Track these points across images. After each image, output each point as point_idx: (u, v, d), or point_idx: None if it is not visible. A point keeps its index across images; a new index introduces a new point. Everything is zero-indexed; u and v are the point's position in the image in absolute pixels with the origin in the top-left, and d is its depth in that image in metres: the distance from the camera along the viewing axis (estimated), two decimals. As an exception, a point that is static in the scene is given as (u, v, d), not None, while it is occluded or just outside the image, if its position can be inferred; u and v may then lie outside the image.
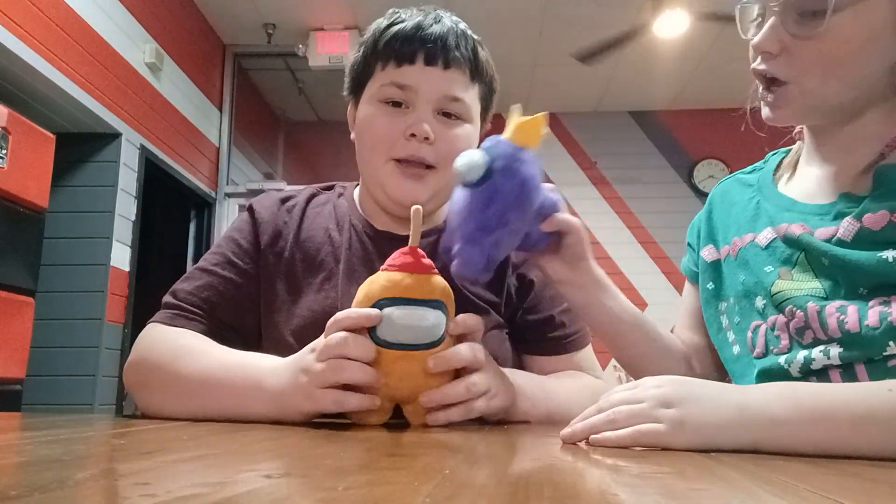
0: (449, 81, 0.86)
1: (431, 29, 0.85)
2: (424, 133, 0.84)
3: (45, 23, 2.76)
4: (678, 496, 0.33)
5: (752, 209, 0.79)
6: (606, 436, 0.54)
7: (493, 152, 0.69)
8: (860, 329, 0.64)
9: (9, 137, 2.24)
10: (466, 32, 0.88)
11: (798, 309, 0.69)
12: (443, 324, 0.68)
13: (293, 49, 4.38)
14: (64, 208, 3.07)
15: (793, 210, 0.74)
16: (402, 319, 0.66)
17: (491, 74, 0.92)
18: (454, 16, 0.90)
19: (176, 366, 0.78)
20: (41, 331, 2.64)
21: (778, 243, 0.73)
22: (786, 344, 0.71)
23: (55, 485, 0.32)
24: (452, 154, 0.78)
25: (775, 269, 0.73)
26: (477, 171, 0.68)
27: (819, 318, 0.67)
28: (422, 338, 0.67)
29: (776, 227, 0.74)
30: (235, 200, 4.51)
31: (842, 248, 0.67)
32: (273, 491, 0.31)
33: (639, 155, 5.43)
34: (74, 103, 2.96)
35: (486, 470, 0.42)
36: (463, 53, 0.86)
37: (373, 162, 0.88)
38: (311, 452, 0.48)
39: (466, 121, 0.89)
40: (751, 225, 0.78)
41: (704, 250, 0.85)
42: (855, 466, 0.46)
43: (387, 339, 0.66)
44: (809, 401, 0.54)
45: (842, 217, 0.68)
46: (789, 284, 0.71)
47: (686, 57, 4.56)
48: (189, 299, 0.88)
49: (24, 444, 0.53)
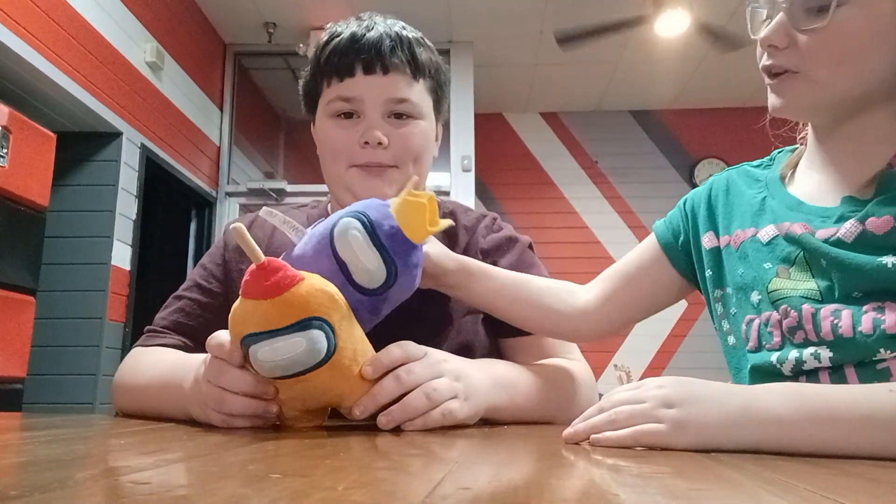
0: (391, 85, 0.89)
1: (366, 38, 0.88)
2: (377, 139, 0.88)
3: (46, 22, 2.76)
4: (678, 496, 0.33)
5: (757, 204, 0.79)
6: (607, 436, 0.54)
7: (393, 262, 0.68)
8: (853, 334, 0.64)
9: (9, 136, 2.24)
10: (401, 34, 0.91)
11: (793, 309, 0.70)
12: (322, 339, 0.60)
13: (294, 48, 4.37)
14: (65, 207, 3.07)
15: (798, 210, 0.74)
16: (269, 357, 0.59)
17: (435, 67, 0.94)
18: (390, 18, 0.93)
19: (136, 377, 0.88)
20: (42, 330, 2.64)
21: (779, 241, 0.74)
22: (777, 341, 0.71)
23: (55, 485, 0.32)
24: (410, 151, 0.90)
25: (774, 267, 0.73)
26: (376, 281, 0.68)
27: (813, 320, 0.68)
28: (302, 363, 0.60)
29: (779, 225, 0.74)
30: (236, 199, 4.51)
31: (841, 249, 0.67)
32: (273, 491, 0.31)
33: (639, 154, 5.42)
34: (75, 102, 2.96)
35: (486, 470, 0.42)
36: (400, 56, 0.89)
37: (336, 171, 0.92)
38: (311, 452, 0.48)
39: (417, 117, 0.92)
40: (754, 220, 0.78)
41: (705, 237, 0.84)
42: (856, 466, 0.46)
43: (266, 375, 0.62)
44: (812, 401, 0.54)
45: (845, 220, 0.68)
46: (786, 283, 0.71)
47: (686, 57, 4.55)
48: (162, 322, 0.97)
49: (24, 444, 0.53)
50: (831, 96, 0.70)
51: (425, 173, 0.95)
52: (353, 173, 0.91)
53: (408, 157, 0.90)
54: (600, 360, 4.94)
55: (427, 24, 2.65)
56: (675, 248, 0.87)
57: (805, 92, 0.70)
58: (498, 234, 1.00)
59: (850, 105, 0.71)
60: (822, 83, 0.69)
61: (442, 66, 0.96)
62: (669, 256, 0.87)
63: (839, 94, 0.70)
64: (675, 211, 0.91)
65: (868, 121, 0.71)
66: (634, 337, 4.96)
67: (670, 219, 0.90)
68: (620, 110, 5.48)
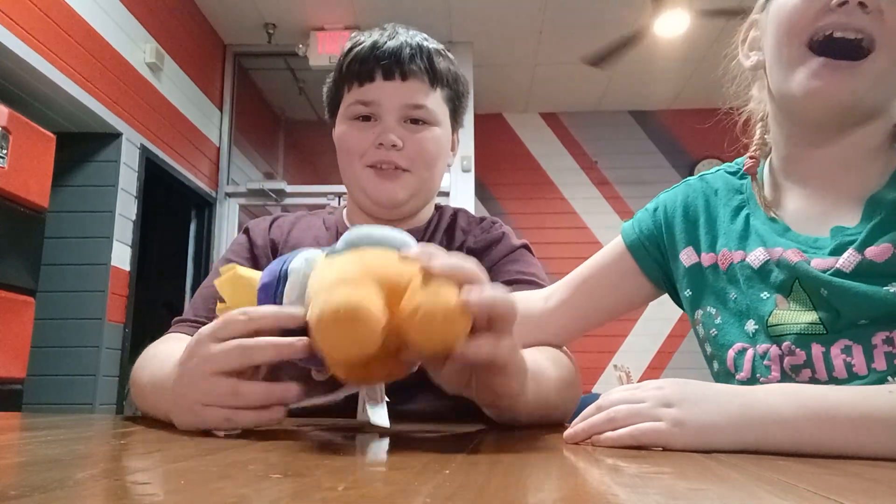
0: (409, 91, 0.92)
1: (386, 46, 0.91)
2: (391, 142, 0.91)
3: (46, 22, 2.76)
4: (678, 496, 0.33)
5: (741, 223, 0.75)
6: (607, 435, 0.54)
7: None
8: (867, 372, 0.63)
9: (9, 137, 2.24)
10: (422, 44, 0.93)
11: (798, 348, 0.67)
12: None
13: (293, 49, 4.38)
14: (64, 208, 3.07)
15: (785, 237, 0.71)
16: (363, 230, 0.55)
17: (453, 77, 0.97)
18: (413, 29, 0.95)
19: (140, 375, 0.77)
20: (42, 331, 2.64)
21: (771, 266, 0.70)
22: (776, 376, 0.69)
23: (55, 485, 0.32)
24: (423, 155, 0.92)
25: (771, 297, 0.70)
26: None
27: (825, 360, 0.65)
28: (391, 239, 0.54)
29: (769, 250, 0.71)
30: (236, 200, 4.51)
31: (842, 279, 0.64)
32: (273, 491, 0.31)
33: (639, 155, 5.42)
34: (75, 103, 2.96)
35: (486, 470, 0.42)
36: (418, 64, 0.92)
37: (352, 170, 0.95)
38: (311, 452, 0.48)
39: (433, 124, 0.94)
40: (740, 242, 0.74)
41: (683, 253, 0.80)
42: (856, 466, 0.46)
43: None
44: (812, 401, 0.54)
45: (840, 251, 0.66)
46: (786, 316, 0.68)
47: (686, 57, 4.56)
48: (188, 313, 0.94)
49: (24, 444, 0.53)
50: (875, 93, 0.64)
51: (438, 180, 0.98)
52: (367, 174, 0.93)
53: (421, 161, 0.93)
54: (600, 361, 4.94)
55: (426, 24, 2.65)
56: (642, 250, 0.83)
57: (875, 79, 0.61)
58: (489, 235, 0.99)
59: (859, 111, 0.67)
60: (886, 73, 0.61)
61: (462, 78, 0.99)
62: (637, 258, 0.84)
63: (882, 94, 0.63)
64: (643, 214, 0.86)
65: (868, 131, 0.68)
66: (634, 337, 4.96)
67: (639, 221, 0.86)
68: (620, 111, 5.48)
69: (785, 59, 0.68)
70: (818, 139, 0.71)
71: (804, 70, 0.65)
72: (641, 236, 0.84)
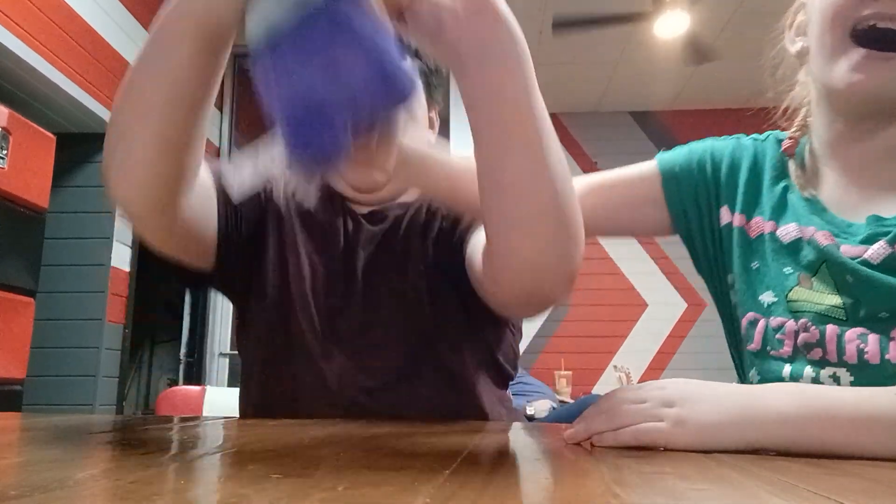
0: None
1: None
2: None
3: (46, 23, 2.76)
4: (678, 496, 0.33)
5: (778, 194, 0.74)
6: (608, 435, 0.54)
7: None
8: (880, 361, 0.63)
9: (9, 138, 2.24)
10: None
11: (814, 326, 0.67)
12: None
13: (293, 49, 4.37)
14: (64, 209, 3.07)
15: (821, 217, 0.71)
16: None
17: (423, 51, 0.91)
18: None
19: None
20: (41, 331, 2.64)
21: (802, 245, 0.70)
22: (788, 351, 0.69)
23: (55, 485, 0.32)
24: None
25: (795, 273, 0.70)
26: None
27: (838, 342, 0.65)
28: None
29: (802, 228, 0.71)
30: (236, 200, 4.50)
31: (869, 269, 0.64)
32: (273, 491, 0.31)
33: (639, 155, 5.31)
34: (75, 103, 2.96)
35: (486, 470, 0.42)
36: None
37: None
38: (311, 452, 0.48)
39: None
40: (775, 213, 0.74)
41: (723, 209, 0.77)
42: (856, 466, 0.46)
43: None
44: (814, 401, 0.54)
45: (873, 241, 0.65)
46: (808, 294, 0.68)
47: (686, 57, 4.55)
48: None
49: (24, 444, 0.53)
50: None
51: None
52: None
53: None
54: (600, 361, 4.93)
55: (427, 25, 2.64)
56: (674, 182, 0.81)
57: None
58: None
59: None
60: None
61: None
62: (665, 188, 0.82)
63: None
64: (685, 150, 0.83)
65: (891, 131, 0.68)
66: (634, 337, 4.96)
67: (680, 154, 0.83)
68: (620, 111, 5.48)
69: (828, 48, 0.67)
70: (860, 129, 0.71)
71: (846, 61, 0.65)
72: (678, 168, 0.82)
